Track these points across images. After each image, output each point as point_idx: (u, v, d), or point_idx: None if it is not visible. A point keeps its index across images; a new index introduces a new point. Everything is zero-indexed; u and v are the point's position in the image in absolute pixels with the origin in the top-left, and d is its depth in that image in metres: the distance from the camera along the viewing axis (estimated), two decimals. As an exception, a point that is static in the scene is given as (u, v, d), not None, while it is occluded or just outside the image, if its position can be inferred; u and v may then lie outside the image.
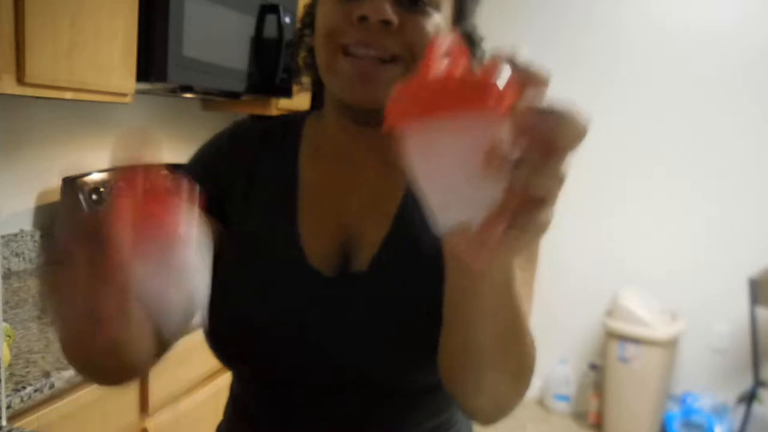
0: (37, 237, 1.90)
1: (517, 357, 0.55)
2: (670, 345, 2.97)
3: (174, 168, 0.46)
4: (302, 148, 0.73)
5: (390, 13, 0.59)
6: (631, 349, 2.96)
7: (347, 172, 0.70)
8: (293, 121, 0.76)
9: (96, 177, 1.88)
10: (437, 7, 0.63)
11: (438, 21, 0.63)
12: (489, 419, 0.61)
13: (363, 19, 0.59)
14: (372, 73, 0.61)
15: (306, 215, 0.69)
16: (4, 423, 1.04)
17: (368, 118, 0.64)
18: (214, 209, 0.68)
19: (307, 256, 0.66)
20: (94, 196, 1.85)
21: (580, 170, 3.34)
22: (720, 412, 2.96)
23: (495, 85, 0.32)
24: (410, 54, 0.61)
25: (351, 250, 0.66)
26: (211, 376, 1.77)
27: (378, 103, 0.59)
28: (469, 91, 0.32)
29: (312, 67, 0.72)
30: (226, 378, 1.48)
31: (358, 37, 0.61)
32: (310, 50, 0.72)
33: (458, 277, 0.50)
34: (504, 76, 0.32)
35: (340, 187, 0.70)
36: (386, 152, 0.66)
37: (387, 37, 0.60)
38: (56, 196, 1.93)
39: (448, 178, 0.34)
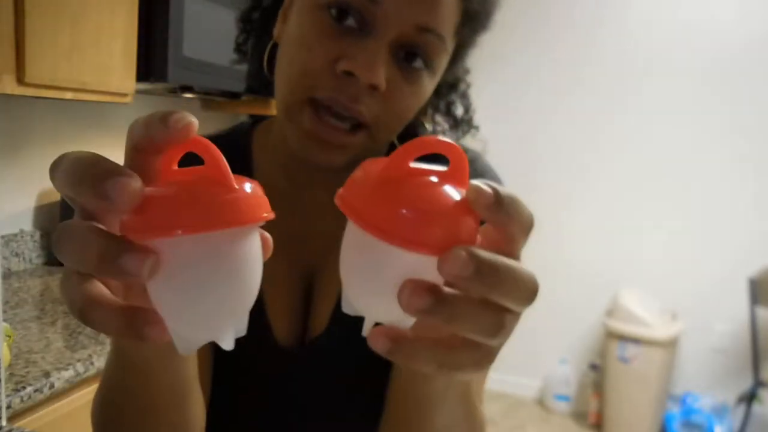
0: (37, 237, 1.90)
1: None
2: (670, 345, 2.97)
3: None
4: (256, 178, 0.68)
5: (382, 78, 0.52)
6: (631, 349, 2.95)
7: (307, 211, 0.64)
8: (236, 143, 0.67)
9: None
10: (433, 71, 0.56)
11: (427, 90, 0.57)
12: None
13: (348, 73, 0.51)
14: (335, 140, 0.54)
15: (268, 268, 0.63)
16: (4, 423, 1.04)
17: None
18: None
19: (271, 325, 0.62)
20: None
21: (580, 170, 3.33)
22: (720, 412, 2.96)
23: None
24: (382, 122, 0.55)
25: (312, 305, 0.63)
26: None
27: (335, 165, 0.55)
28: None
29: (259, 53, 0.64)
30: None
31: (334, 92, 0.52)
32: (263, 36, 0.65)
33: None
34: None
35: (300, 230, 0.64)
36: None
37: (367, 100, 0.53)
38: (56, 196, 1.93)
39: (378, 276, 0.30)
